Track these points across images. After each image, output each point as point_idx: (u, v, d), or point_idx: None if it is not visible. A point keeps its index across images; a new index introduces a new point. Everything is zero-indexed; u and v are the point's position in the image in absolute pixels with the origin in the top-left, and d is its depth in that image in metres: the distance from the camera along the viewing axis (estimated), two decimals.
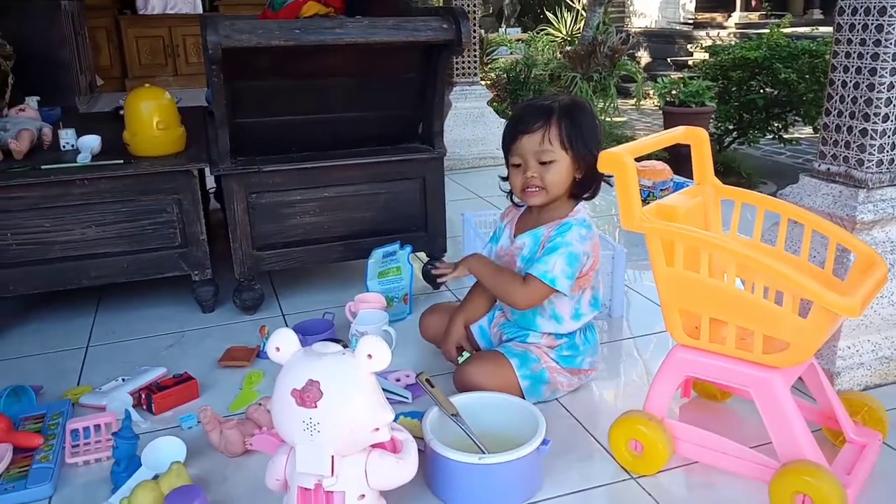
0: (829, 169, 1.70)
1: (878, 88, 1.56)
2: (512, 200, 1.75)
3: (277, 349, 1.17)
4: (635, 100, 7.55)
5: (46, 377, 1.85)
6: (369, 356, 1.13)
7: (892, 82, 1.56)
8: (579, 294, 1.65)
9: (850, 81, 1.62)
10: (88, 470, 1.48)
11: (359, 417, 1.13)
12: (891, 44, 1.53)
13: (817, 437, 1.33)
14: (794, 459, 1.26)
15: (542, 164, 1.58)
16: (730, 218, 1.51)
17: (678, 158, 3.85)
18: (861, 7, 1.57)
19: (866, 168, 1.62)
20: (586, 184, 1.63)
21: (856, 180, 1.63)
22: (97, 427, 1.54)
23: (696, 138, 1.49)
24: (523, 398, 1.55)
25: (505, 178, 1.71)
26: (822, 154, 1.71)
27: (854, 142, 1.63)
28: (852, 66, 1.61)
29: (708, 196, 1.49)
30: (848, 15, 1.60)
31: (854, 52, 1.60)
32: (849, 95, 1.62)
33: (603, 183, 1.63)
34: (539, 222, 1.66)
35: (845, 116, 1.64)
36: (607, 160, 1.29)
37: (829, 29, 6.62)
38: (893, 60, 1.54)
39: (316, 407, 1.11)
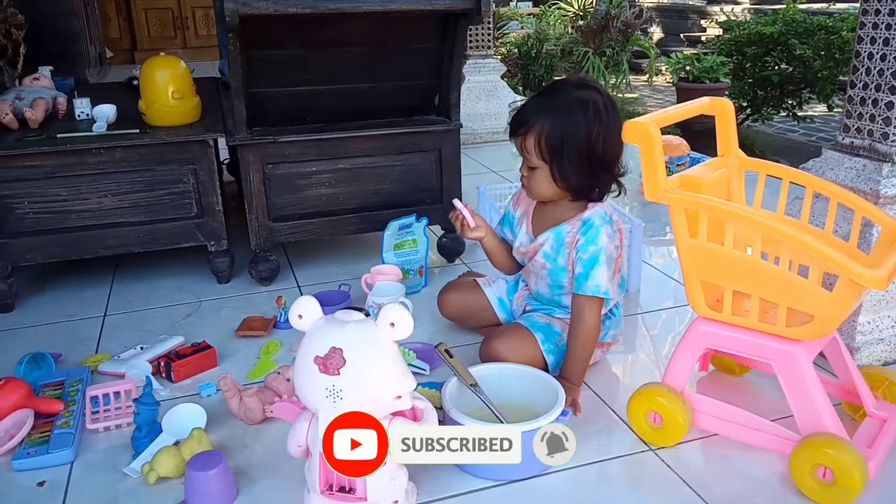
0: (852, 142, 1.67)
1: None
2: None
3: (300, 317, 1.17)
4: (648, 76, 7.46)
5: (65, 345, 1.85)
6: (392, 324, 1.13)
7: None
8: None
9: (878, 53, 1.59)
10: (109, 436, 1.49)
11: (381, 385, 1.13)
12: None
13: (837, 411, 1.33)
14: (816, 432, 1.26)
15: (529, 167, 1.55)
16: (752, 193, 1.49)
17: (692, 135, 3.81)
18: None
19: (891, 141, 1.59)
20: (583, 190, 1.57)
21: (880, 154, 1.61)
22: (117, 394, 1.55)
23: (721, 109, 1.47)
24: (547, 372, 1.54)
25: None
26: (845, 127, 1.69)
27: (879, 115, 1.61)
28: (880, 38, 1.58)
29: (732, 168, 1.47)
30: None
31: (882, 24, 1.57)
32: (875, 67, 1.60)
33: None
34: (559, 219, 1.60)
35: (871, 89, 1.62)
36: (633, 130, 1.27)
37: (846, 5, 6.53)
38: None
39: (339, 374, 1.11)
